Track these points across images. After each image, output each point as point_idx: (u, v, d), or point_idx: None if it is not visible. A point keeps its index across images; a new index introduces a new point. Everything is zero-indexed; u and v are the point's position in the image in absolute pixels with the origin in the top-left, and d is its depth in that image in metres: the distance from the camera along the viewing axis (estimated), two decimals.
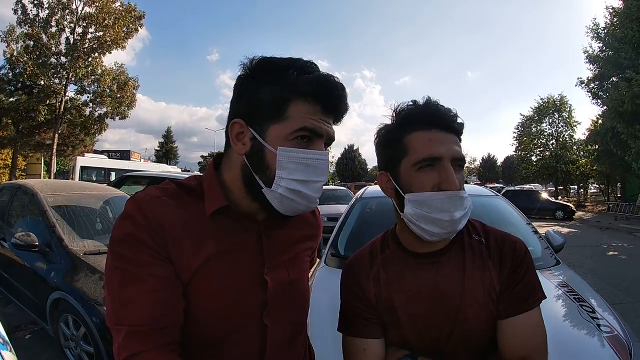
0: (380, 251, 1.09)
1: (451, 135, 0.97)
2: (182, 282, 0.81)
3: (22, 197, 4.54)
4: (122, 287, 0.76)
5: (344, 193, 14.49)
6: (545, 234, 3.33)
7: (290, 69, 0.83)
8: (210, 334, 0.85)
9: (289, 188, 0.82)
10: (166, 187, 0.88)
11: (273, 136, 0.83)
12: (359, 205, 3.49)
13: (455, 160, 0.95)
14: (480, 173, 60.72)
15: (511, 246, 1.01)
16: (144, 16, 21.50)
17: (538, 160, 33.21)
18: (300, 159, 0.82)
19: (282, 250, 0.96)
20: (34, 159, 26.86)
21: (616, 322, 2.03)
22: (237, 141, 0.86)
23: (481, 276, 0.98)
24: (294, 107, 0.82)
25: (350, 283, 1.08)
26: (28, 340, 4.04)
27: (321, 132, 0.84)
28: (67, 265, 3.48)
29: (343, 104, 0.87)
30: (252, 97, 0.85)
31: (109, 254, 0.80)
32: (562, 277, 2.52)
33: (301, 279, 1.02)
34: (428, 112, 0.97)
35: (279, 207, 0.85)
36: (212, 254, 0.84)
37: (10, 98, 20.20)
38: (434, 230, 0.94)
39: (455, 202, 0.93)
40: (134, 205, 0.82)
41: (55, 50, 19.85)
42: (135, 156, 36.72)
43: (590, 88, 21.25)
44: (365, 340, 1.01)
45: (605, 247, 11.07)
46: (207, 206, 0.85)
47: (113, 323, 0.77)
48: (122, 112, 21.97)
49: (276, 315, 0.91)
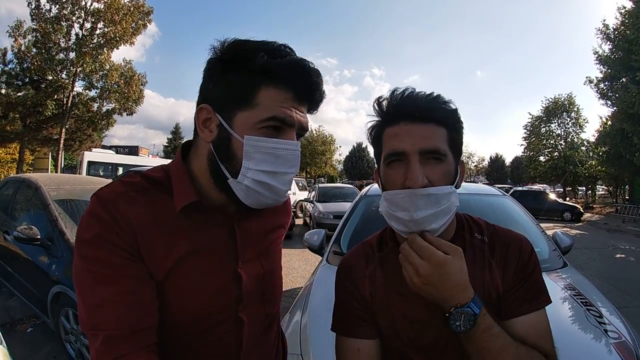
0: (378, 249, 1.05)
1: (427, 125, 0.88)
2: (155, 280, 0.78)
3: (26, 190, 4.55)
4: (94, 290, 0.73)
5: (350, 190, 14.53)
6: (553, 235, 3.27)
7: (261, 51, 0.78)
8: (187, 332, 0.83)
9: (255, 179, 0.78)
10: (132, 180, 0.83)
11: (240, 124, 0.78)
12: (363, 203, 3.45)
13: (425, 153, 0.87)
14: (488, 173, 60.39)
15: (517, 245, 0.97)
16: (152, 12, 21.55)
17: (546, 160, 32.97)
18: (269, 148, 0.78)
19: (255, 242, 0.93)
20: (41, 153, 27.02)
21: (624, 327, 1.98)
22: (203, 128, 0.82)
23: (481, 276, 0.94)
24: (264, 93, 0.78)
25: (345, 281, 1.04)
26: (29, 334, 4.05)
27: (292, 121, 0.80)
28: (68, 259, 3.48)
29: (317, 91, 0.83)
30: (220, 81, 0.80)
31: (76, 256, 0.75)
32: (569, 280, 2.46)
33: (274, 269, 1.01)
34: (397, 105, 0.91)
35: (245, 199, 0.81)
36: (185, 253, 0.81)
37: (18, 92, 20.34)
38: (401, 229, 0.90)
39: (415, 200, 0.85)
40: (97, 202, 0.77)
41: (63, 46, 19.95)
42: (143, 151, 36.82)
43: (600, 88, 21.03)
44: (359, 340, 0.97)
45: (612, 250, 10.96)
46: (176, 201, 0.81)
47: (88, 328, 0.73)
48: (129, 107, 22.05)
49: (250, 308, 0.90)
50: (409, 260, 0.85)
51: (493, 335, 0.83)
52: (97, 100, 21.98)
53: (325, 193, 14.00)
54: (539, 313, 0.91)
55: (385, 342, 0.99)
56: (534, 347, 0.87)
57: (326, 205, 12.35)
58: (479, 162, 61.37)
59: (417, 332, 0.95)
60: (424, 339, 0.95)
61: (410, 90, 0.93)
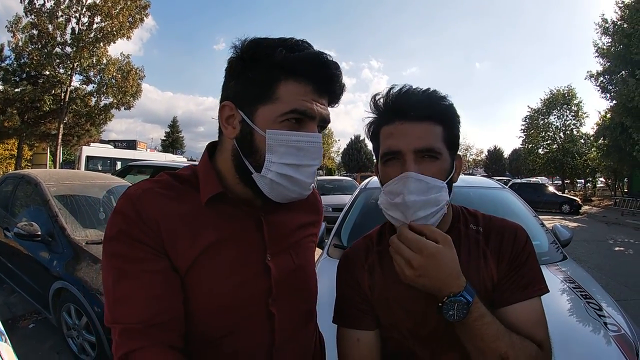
0: (377, 243, 1.06)
1: (422, 124, 0.90)
2: (180, 273, 0.79)
3: (25, 186, 4.55)
4: (116, 285, 0.75)
5: (349, 183, 14.49)
6: (552, 228, 3.28)
7: (279, 47, 0.79)
8: (215, 326, 0.82)
9: (279, 173, 0.79)
10: (159, 178, 0.86)
11: (262, 118, 0.80)
12: (363, 196, 3.45)
13: (420, 152, 0.89)
14: (486, 165, 60.37)
15: (511, 233, 0.98)
16: (149, 5, 21.45)
17: (545, 153, 32.94)
18: (291, 141, 0.79)
19: (284, 235, 0.93)
20: (39, 149, 27.01)
21: (623, 320, 1.99)
22: (226, 125, 0.84)
23: (476, 266, 0.95)
24: (284, 87, 0.79)
25: (345, 274, 1.06)
26: (31, 330, 4.06)
27: (313, 113, 0.80)
28: (69, 255, 3.49)
29: (337, 83, 0.84)
30: (241, 78, 0.81)
31: (103, 253, 0.78)
32: (569, 273, 2.48)
33: (306, 265, 1.00)
34: (392, 104, 0.93)
35: (270, 193, 0.82)
36: (211, 242, 0.81)
37: (15, 88, 20.28)
38: (396, 215, 0.91)
39: (407, 184, 0.87)
40: (126, 200, 0.79)
41: (60, 40, 19.84)
42: (141, 145, 36.77)
43: (599, 82, 20.97)
44: (359, 332, 0.99)
45: (611, 242, 10.99)
46: (202, 194, 0.83)
47: (109, 321, 0.76)
48: (127, 101, 21.98)
49: (282, 302, 0.89)
50: (400, 252, 0.87)
51: (486, 323, 0.84)
52: (95, 95, 21.91)
53: (324, 186, 13.96)
54: (532, 301, 0.92)
55: (384, 333, 1.01)
56: (527, 336, 0.88)
57: (325, 197, 12.33)
58: (478, 154, 61.31)
59: (416, 323, 0.97)
60: (423, 330, 0.96)
61: (406, 87, 0.94)
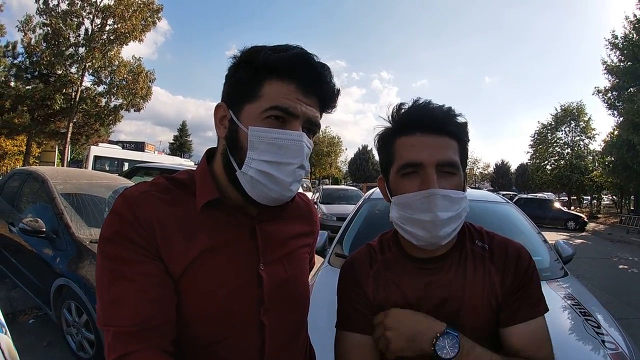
0: (380, 252, 1.06)
1: (442, 138, 0.91)
2: (174, 278, 0.79)
3: (32, 183, 4.59)
4: (110, 286, 0.75)
5: (354, 193, 14.52)
6: (555, 244, 3.26)
7: (268, 50, 0.81)
8: (206, 333, 0.82)
9: (258, 170, 0.80)
10: (156, 181, 0.86)
11: (246, 116, 0.82)
12: (367, 206, 3.46)
13: (441, 166, 0.89)
14: (493, 179, 60.11)
15: (515, 253, 0.98)
16: (162, 9, 21.74)
17: (552, 168, 32.76)
18: (272, 138, 0.79)
19: (278, 245, 0.93)
20: (48, 147, 27.19)
21: (621, 338, 1.98)
22: (219, 125, 0.86)
23: (482, 283, 0.95)
24: (268, 85, 0.81)
25: (350, 280, 1.05)
26: (31, 325, 4.08)
27: (296, 112, 0.81)
28: (73, 252, 3.51)
29: (324, 83, 0.84)
30: (231, 80, 0.85)
31: (97, 252, 0.78)
32: (569, 289, 2.46)
33: (299, 276, 0.99)
34: (414, 116, 0.93)
35: (251, 191, 0.82)
36: (205, 249, 0.81)
37: (27, 86, 20.50)
38: (418, 232, 0.91)
39: (435, 200, 0.87)
40: (122, 201, 0.79)
41: (73, 41, 20.08)
42: (149, 148, 37.03)
43: (607, 98, 20.89)
44: (361, 336, 0.98)
45: (615, 260, 10.88)
46: (197, 199, 0.83)
47: (102, 323, 0.75)
48: (136, 103, 22.16)
49: (274, 313, 0.89)
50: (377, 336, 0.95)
51: (479, 355, 0.86)
52: (105, 96, 22.11)
53: (330, 195, 13.98)
54: (537, 321, 0.92)
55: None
56: (533, 355, 0.88)
57: (330, 207, 12.32)
58: (485, 168, 61.13)
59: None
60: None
61: (426, 101, 0.95)
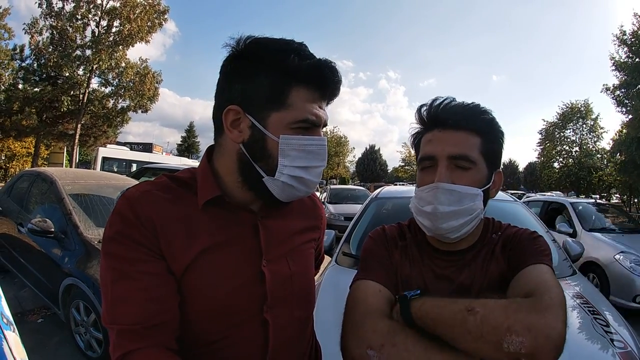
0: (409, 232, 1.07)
1: (460, 133, 0.94)
2: (176, 276, 0.79)
3: (41, 184, 4.64)
4: (114, 286, 0.76)
5: (362, 193, 14.53)
6: (563, 243, 3.25)
7: (290, 53, 0.80)
8: (209, 331, 0.83)
9: (291, 175, 0.82)
10: (158, 181, 0.87)
11: (274, 124, 0.81)
12: (373, 205, 3.46)
13: (454, 159, 0.92)
14: None
15: (517, 234, 0.99)
16: (168, 11, 21.81)
17: (560, 167, 32.49)
18: (302, 145, 0.82)
19: (281, 241, 0.93)
20: (56, 148, 27.49)
21: (630, 337, 1.97)
22: (232, 129, 0.83)
23: (498, 272, 0.95)
24: (295, 93, 0.81)
25: (379, 241, 1.05)
26: (40, 324, 4.12)
27: (320, 121, 0.85)
28: (81, 252, 3.54)
29: (339, 89, 0.88)
30: (249, 82, 0.82)
31: (101, 252, 0.79)
32: (578, 288, 2.45)
33: (304, 272, 0.98)
34: (434, 113, 0.98)
35: (280, 194, 0.84)
36: (207, 246, 0.82)
37: (35, 88, 20.70)
38: (424, 223, 0.95)
39: (438, 194, 0.91)
40: (124, 201, 0.80)
41: (80, 43, 20.24)
42: (157, 149, 37.28)
43: (616, 95, 20.64)
44: (382, 286, 0.95)
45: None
46: (199, 197, 0.84)
47: (106, 322, 0.76)
48: (144, 105, 22.26)
49: (277, 310, 0.88)
50: None
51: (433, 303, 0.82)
52: (113, 97, 22.26)
53: (337, 194, 13.99)
54: (543, 266, 0.88)
55: None
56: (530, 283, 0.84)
57: (337, 206, 12.32)
58: None
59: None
60: None
61: (449, 99, 0.99)
